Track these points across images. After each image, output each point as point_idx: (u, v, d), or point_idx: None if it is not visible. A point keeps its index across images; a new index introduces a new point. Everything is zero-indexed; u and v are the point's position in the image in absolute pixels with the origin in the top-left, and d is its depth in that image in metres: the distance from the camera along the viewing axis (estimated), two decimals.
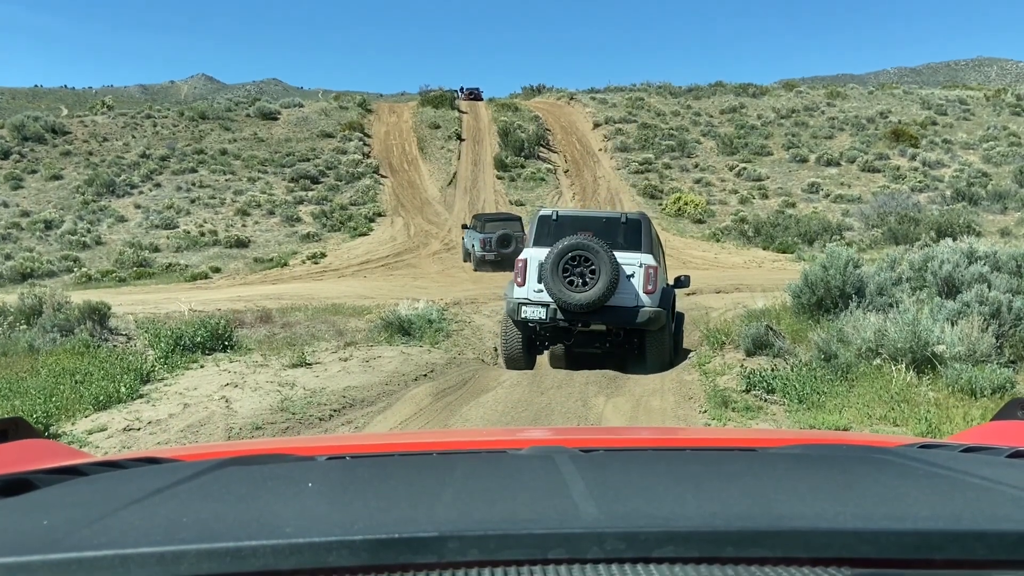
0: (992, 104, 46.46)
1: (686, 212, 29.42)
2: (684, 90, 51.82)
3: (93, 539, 0.76)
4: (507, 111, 45.53)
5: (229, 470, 1.14)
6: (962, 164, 35.53)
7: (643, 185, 34.10)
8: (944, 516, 0.85)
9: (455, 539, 0.74)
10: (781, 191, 33.55)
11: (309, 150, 39.01)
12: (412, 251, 25.13)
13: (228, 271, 22.71)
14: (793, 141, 40.11)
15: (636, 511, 0.87)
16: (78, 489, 1.07)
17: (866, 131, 41.65)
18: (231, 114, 44.78)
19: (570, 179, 36.71)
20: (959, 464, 1.16)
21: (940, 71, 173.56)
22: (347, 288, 17.16)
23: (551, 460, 1.14)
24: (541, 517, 0.83)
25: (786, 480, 1.09)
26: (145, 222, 29.26)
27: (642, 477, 1.09)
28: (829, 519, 0.83)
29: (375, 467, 1.28)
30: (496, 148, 39.54)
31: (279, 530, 0.77)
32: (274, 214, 30.46)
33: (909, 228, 22.79)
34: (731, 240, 25.55)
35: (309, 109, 46.36)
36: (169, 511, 0.89)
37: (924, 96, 48.98)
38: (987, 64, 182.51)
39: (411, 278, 19.67)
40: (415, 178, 36.94)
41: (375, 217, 30.43)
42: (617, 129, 42.11)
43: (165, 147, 39.18)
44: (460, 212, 31.71)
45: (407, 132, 42.86)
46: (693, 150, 39.65)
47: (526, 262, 8.85)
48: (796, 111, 45.25)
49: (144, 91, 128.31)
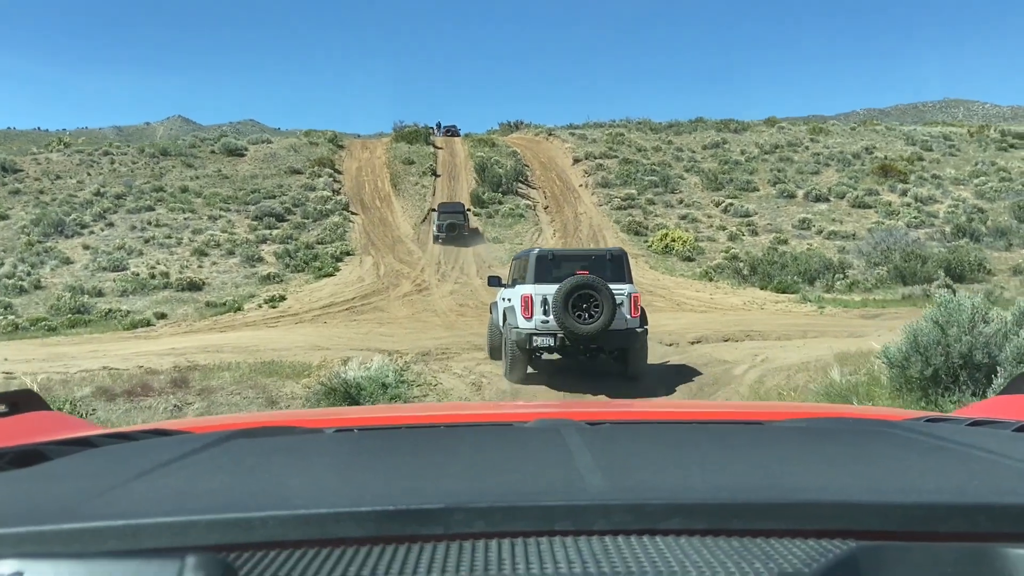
0: (977, 140, 45.79)
1: (674, 249, 27.72)
2: (664, 125, 50.77)
3: (104, 509, 0.77)
4: (484, 146, 43.99)
5: (238, 442, 1.14)
6: (955, 200, 34.37)
7: (627, 221, 32.46)
8: (949, 489, 0.85)
9: (461, 511, 0.74)
10: (771, 227, 32.09)
11: (276, 187, 37.08)
12: (381, 292, 23.12)
13: (175, 317, 20.52)
14: (779, 176, 38.87)
15: (642, 483, 0.86)
16: (89, 460, 1.08)
17: (852, 166, 40.60)
18: (195, 151, 42.84)
19: (550, 215, 35.02)
20: (965, 437, 1.13)
21: (908, 112, 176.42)
22: (301, 337, 15.10)
23: (557, 433, 1.14)
24: (547, 489, 0.83)
25: (792, 453, 1.07)
26: (92, 264, 27.03)
27: (648, 450, 1.08)
28: (834, 491, 0.82)
29: (382, 440, 1.29)
30: (473, 184, 37.86)
31: (287, 501, 0.78)
32: (234, 254, 28.37)
33: (916, 266, 21.19)
34: (725, 279, 23.74)
35: (278, 145, 44.53)
36: (179, 482, 0.90)
37: (907, 132, 48.29)
38: (954, 105, 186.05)
39: (377, 324, 17.62)
40: (387, 215, 35.09)
41: (343, 256, 28.43)
42: (598, 164, 40.67)
43: (122, 184, 37.06)
44: (434, 250, 29.85)
45: (380, 168, 41.11)
46: (677, 185, 38.24)
47: (531, 297, 9.77)
48: (780, 146, 44.20)
49: (119, 132, 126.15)
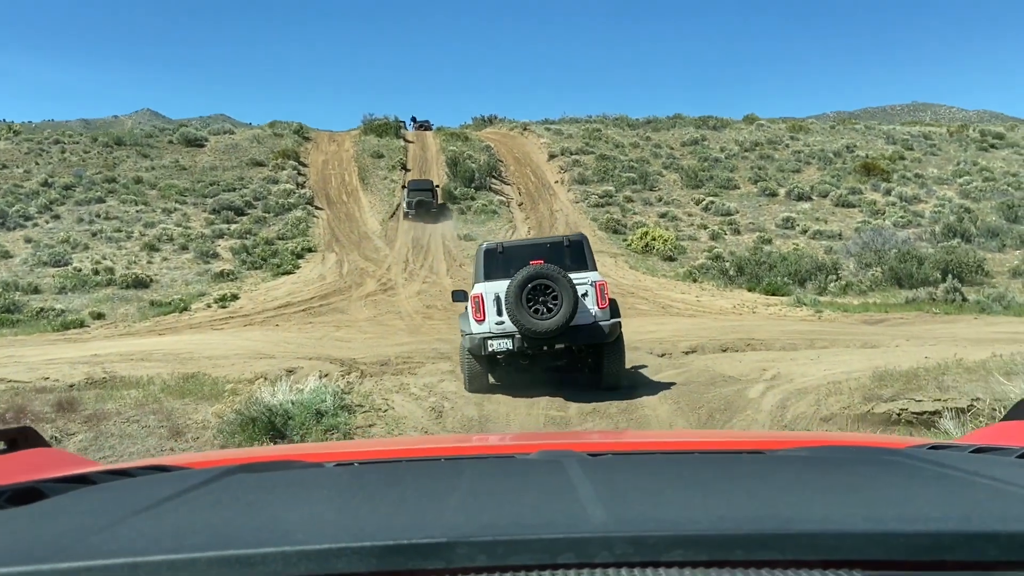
0: (957, 140, 45.15)
1: (655, 248, 26.38)
2: (642, 122, 49.58)
3: (103, 547, 0.76)
4: (456, 140, 42.39)
5: (238, 477, 1.13)
6: (940, 199, 33.48)
7: (604, 219, 31.08)
8: (954, 517, 0.83)
9: (464, 544, 0.74)
10: (754, 226, 30.90)
11: (236, 179, 35.18)
12: (343, 292, 21.48)
13: (113, 317, 18.72)
14: (760, 174, 37.77)
15: (644, 515, 0.86)
16: (87, 497, 1.07)
17: (834, 165, 39.65)
18: (152, 140, 40.74)
19: (525, 212, 33.54)
20: (969, 465, 1.12)
21: (877, 115, 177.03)
22: (246, 342, 13.46)
23: (559, 464, 1.13)
24: (550, 522, 0.82)
25: (794, 482, 1.07)
26: (32, 258, 25.06)
27: (650, 481, 1.07)
28: (838, 521, 0.81)
29: (383, 473, 1.27)
30: (444, 179, 36.27)
31: (289, 536, 0.77)
32: (187, 249, 26.54)
33: (912, 268, 20.03)
34: (710, 280, 22.43)
35: (240, 136, 42.53)
36: (178, 518, 0.89)
37: (887, 131, 47.56)
38: (921, 109, 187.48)
39: (334, 327, 16.01)
40: (354, 210, 33.37)
41: (304, 253, 26.71)
42: (574, 160, 39.26)
43: (72, 174, 34.95)
44: (403, 247, 28.24)
45: (347, 162, 39.34)
46: (656, 183, 36.97)
47: (482, 297, 8.63)
48: (760, 144, 43.16)
49: (87, 125, 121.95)
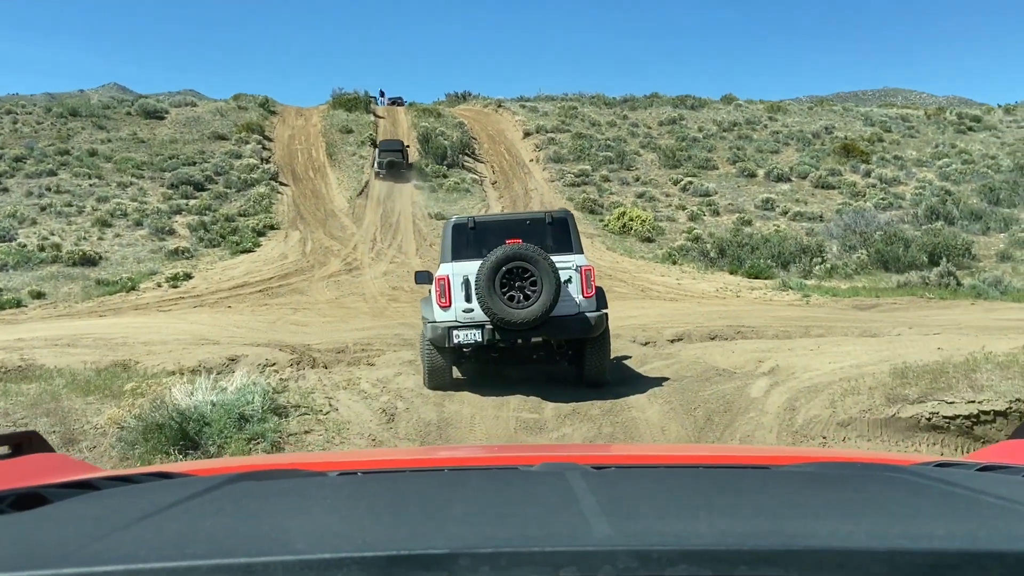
0: (935, 122, 44.79)
1: (632, 229, 25.51)
2: (619, 100, 48.51)
3: (105, 553, 0.76)
4: (428, 116, 41.08)
5: (241, 485, 1.13)
6: (921, 181, 33.00)
7: (581, 199, 30.12)
8: (960, 535, 0.82)
9: (467, 556, 0.73)
10: (733, 207, 30.15)
11: (197, 153, 33.65)
12: (304, 272, 20.33)
13: (55, 297, 17.43)
14: (738, 155, 37.03)
15: (648, 529, 0.85)
16: (90, 503, 1.07)
17: (813, 146, 39.05)
18: (110, 112, 38.92)
19: (499, 191, 32.48)
20: (975, 483, 1.11)
21: (849, 100, 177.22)
22: (191, 325, 12.33)
23: (563, 477, 1.13)
24: (553, 534, 0.82)
25: (799, 498, 1.06)
26: None
27: (654, 494, 1.07)
28: (843, 538, 0.80)
29: (386, 483, 1.27)
30: (416, 155, 35.05)
31: (291, 546, 0.77)
32: (141, 225, 25.15)
33: (899, 250, 19.37)
34: (690, 262, 21.63)
35: (203, 109, 40.84)
36: (181, 526, 0.89)
37: (865, 112, 47.09)
38: (892, 94, 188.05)
39: (291, 309, 14.92)
40: (320, 187, 32.06)
41: (266, 231, 25.45)
42: (550, 139, 38.21)
43: (23, 146, 33.20)
44: (371, 225, 27.08)
45: (315, 136, 37.91)
46: (633, 162, 36.06)
47: (448, 280, 7.59)
48: (738, 124, 42.39)
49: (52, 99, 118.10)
